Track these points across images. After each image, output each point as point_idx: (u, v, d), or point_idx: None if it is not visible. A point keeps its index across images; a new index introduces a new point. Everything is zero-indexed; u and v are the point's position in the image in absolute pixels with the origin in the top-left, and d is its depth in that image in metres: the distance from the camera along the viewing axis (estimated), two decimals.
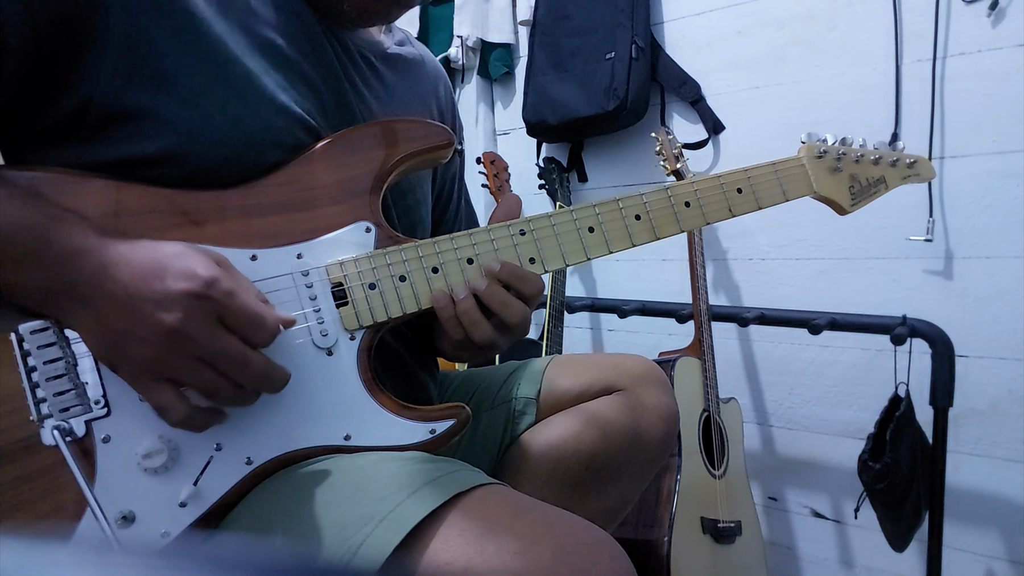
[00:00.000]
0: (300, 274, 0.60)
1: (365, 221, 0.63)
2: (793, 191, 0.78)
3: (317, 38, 0.67)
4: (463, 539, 0.49)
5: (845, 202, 0.81)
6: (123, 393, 0.54)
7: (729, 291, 1.70)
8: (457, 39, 1.98)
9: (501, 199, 0.72)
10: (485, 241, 0.66)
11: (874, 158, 0.83)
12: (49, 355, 0.53)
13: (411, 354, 0.78)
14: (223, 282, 0.51)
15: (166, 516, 0.54)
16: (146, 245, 0.52)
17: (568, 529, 0.51)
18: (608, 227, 0.69)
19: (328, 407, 0.59)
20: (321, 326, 0.60)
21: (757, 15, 1.60)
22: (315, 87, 0.66)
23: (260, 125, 0.60)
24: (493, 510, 0.51)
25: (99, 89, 0.55)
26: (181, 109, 0.57)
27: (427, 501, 0.50)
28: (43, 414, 0.52)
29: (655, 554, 1.25)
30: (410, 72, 0.81)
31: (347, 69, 0.70)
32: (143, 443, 0.54)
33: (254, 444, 0.57)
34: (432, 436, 0.61)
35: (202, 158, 0.58)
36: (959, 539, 1.42)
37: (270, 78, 0.62)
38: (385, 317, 0.62)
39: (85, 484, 0.50)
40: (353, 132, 0.65)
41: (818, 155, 0.80)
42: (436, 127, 0.68)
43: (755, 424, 1.69)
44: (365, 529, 0.49)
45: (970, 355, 1.39)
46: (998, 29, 1.32)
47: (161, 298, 0.50)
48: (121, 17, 0.55)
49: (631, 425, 0.80)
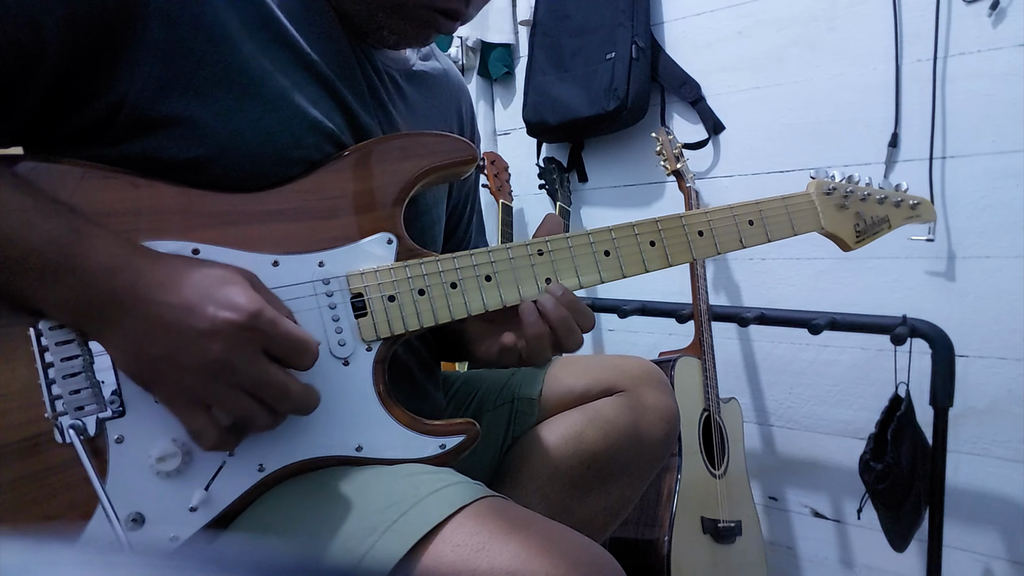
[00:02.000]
0: (321, 282, 0.60)
1: (387, 232, 0.63)
2: (801, 226, 0.79)
3: (347, 56, 0.67)
4: (456, 555, 0.49)
5: (850, 239, 0.83)
6: (139, 394, 0.54)
7: (729, 291, 1.70)
8: (457, 39, 1.98)
9: (545, 218, 0.72)
10: (503, 260, 0.66)
11: (879, 197, 0.85)
12: (67, 352, 0.52)
13: (421, 367, 0.78)
14: (267, 312, 0.51)
15: (176, 520, 0.54)
16: (180, 266, 0.52)
17: (565, 548, 0.50)
18: (623, 252, 0.70)
19: (342, 417, 0.59)
20: (339, 336, 0.60)
21: (757, 15, 1.60)
22: (344, 104, 0.65)
23: (290, 141, 0.60)
24: (489, 525, 0.51)
25: (132, 95, 0.54)
26: (213, 122, 0.57)
27: (432, 513, 0.51)
28: (58, 411, 0.52)
29: (655, 554, 1.26)
30: (432, 89, 0.81)
31: (375, 88, 0.70)
32: (157, 445, 0.54)
33: (267, 451, 0.57)
34: (442, 451, 0.61)
35: (229, 169, 0.58)
36: (959, 539, 1.42)
37: (302, 94, 0.61)
38: (403, 329, 0.62)
39: (98, 482, 0.50)
40: (378, 143, 0.65)
41: (826, 192, 0.81)
42: (460, 142, 0.68)
43: (755, 424, 1.69)
44: (368, 540, 0.50)
45: (970, 355, 1.39)
46: (998, 29, 1.32)
47: (206, 329, 0.49)
48: (160, 26, 0.54)
49: (632, 425, 0.81)
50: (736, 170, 1.67)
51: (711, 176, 1.70)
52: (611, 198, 1.88)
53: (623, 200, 1.86)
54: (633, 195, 1.84)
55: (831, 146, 1.51)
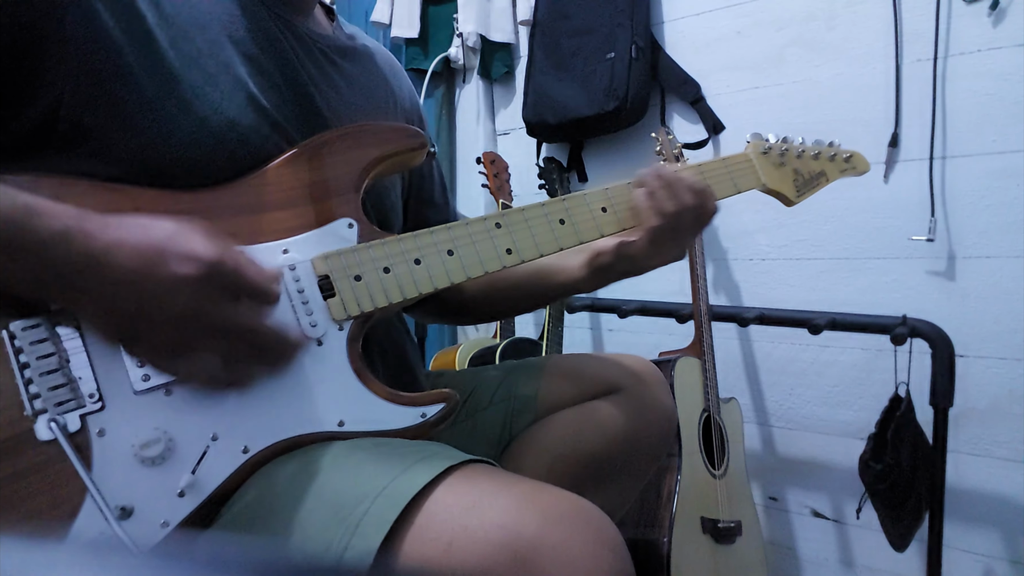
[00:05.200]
0: (288, 268, 0.62)
1: (347, 218, 0.65)
2: (743, 184, 0.84)
3: (271, 32, 0.68)
4: (448, 515, 0.49)
5: (791, 194, 0.88)
6: (117, 386, 0.55)
7: (729, 291, 1.70)
8: (457, 39, 1.98)
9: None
10: (463, 235, 0.68)
11: (814, 153, 0.91)
12: (42, 350, 0.53)
13: (398, 347, 0.79)
14: (226, 258, 0.52)
15: (165, 506, 0.54)
16: (133, 226, 0.52)
17: (552, 499, 0.51)
18: (577, 219, 0.74)
19: (321, 395, 0.61)
20: (310, 317, 0.62)
21: (757, 15, 1.60)
22: (274, 81, 0.67)
23: (225, 124, 0.61)
24: (480, 485, 0.52)
25: (65, 96, 0.55)
26: (145, 112, 0.57)
27: (420, 475, 0.51)
28: (37, 409, 0.52)
29: (655, 554, 1.25)
30: (367, 64, 0.82)
31: (303, 61, 0.71)
32: (139, 435, 0.54)
33: (250, 433, 0.58)
34: (423, 420, 0.63)
35: (174, 163, 0.59)
36: (959, 539, 1.42)
37: (228, 76, 0.62)
38: (371, 307, 0.64)
39: (86, 475, 0.50)
40: (330, 135, 0.67)
41: (763, 151, 0.86)
42: (411, 130, 0.70)
43: (755, 424, 1.69)
44: (362, 507, 0.50)
45: (970, 355, 1.39)
46: (998, 29, 1.32)
47: (169, 284, 0.51)
48: (78, 22, 0.55)
49: (630, 425, 0.81)
50: None
51: None
52: None
53: None
54: None
55: None
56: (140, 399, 0.55)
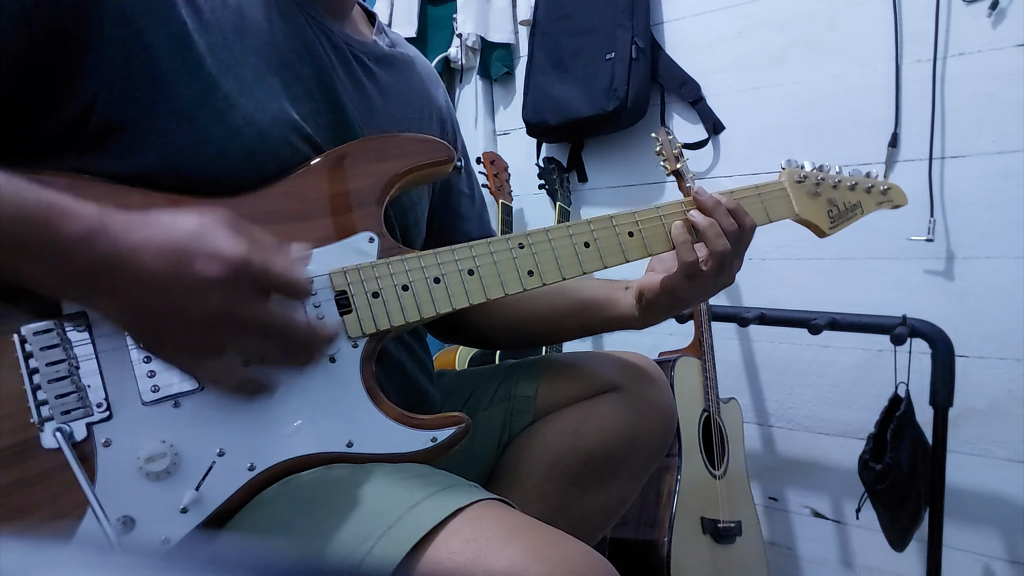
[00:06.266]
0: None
1: (369, 232, 0.63)
2: (776, 213, 0.82)
3: (308, 38, 0.67)
4: (452, 563, 0.48)
5: (824, 225, 0.85)
6: (126, 396, 0.54)
7: (729, 291, 1.70)
8: (457, 39, 1.98)
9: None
10: (484, 254, 0.67)
11: (850, 184, 0.87)
12: (52, 357, 0.52)
13: (413, 362, 0.78)
14: (254, 256, 0.51)
15: (166, 522, 0.53)
16: (156, 224, 0.50)
17: (561, 555, 0.49)
18: (602, 243, 0.72)
19: (331, 414, 0.59)
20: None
21: (757, 16, 1.60)
22: (308, 88, 0.66)
23: (256, 136, 0.60)
24: (485, 532, 0.50)
25: (99, 97, 0.54)
26: (178, 120, 0.57)
27: (427, 516, 0.50)
28: (44, 416, 0.51)
29: (655, 554, 1.25)
30: (404, 72, 0.81)
31: (337, 69, 0.70)
32: (145, 447, 0.53)
33: (257, 450, 0.57)
34: (433, 444, 0.61)
35: (202, 170, 0.58)
36: (959, 539, 1.42)
37: (263, 85, 0.62)
38: (388, 325, 0.62)
39: (87, 485, 0.49)
40: (356, 145, 0.66)
41: (798, 180, 0.83)
42: (437, 143, 0.69)
43: (755, 424, 1.69)
44: (364, 547, 0.49)
45: (970, 355, 1.39)
46: (998, 29, 1.32)
47: (196, 287, 0.49)
48: (116, 25, 0.54)
49: (629, 423, 0.81)
50: (736, 170, 1.67)
51: (711, 176, 1.70)
52: (611, 198, 1.88)
53: (623, 200, 1.85)
54: (633, 195, 1.84)
55: (831, 146, 1.51)
56: (148, 410, 0.54)
